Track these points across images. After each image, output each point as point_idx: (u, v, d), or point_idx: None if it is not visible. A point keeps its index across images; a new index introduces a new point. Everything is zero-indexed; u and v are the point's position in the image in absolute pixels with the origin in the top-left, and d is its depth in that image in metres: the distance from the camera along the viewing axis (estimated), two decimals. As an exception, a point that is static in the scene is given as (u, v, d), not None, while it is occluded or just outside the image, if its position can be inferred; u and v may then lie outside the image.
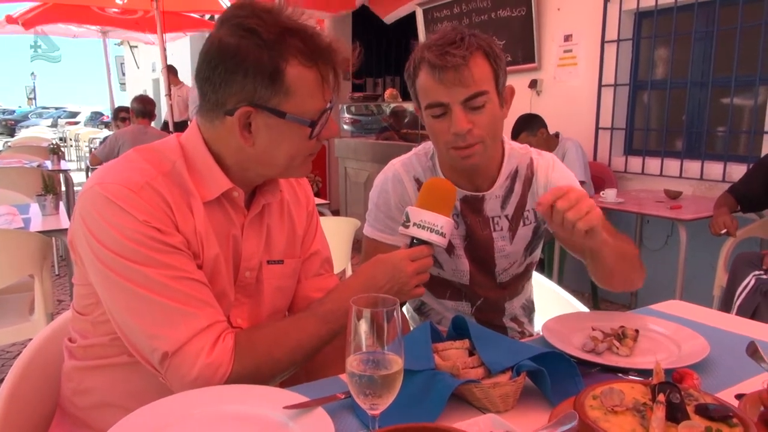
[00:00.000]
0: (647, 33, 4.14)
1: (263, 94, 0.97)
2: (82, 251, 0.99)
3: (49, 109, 31.54)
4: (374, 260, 1.10)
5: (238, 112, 0.98)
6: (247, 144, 1.01)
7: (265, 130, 1.00)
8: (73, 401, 1.10)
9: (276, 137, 1.01)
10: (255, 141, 1.01)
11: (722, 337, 1.21)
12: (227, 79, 0.97)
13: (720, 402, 0.78)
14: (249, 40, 0.95)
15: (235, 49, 0.95)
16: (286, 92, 0.97)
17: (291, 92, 0.97)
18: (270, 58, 0.95)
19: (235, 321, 1.10)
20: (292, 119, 0.99)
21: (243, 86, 0.97)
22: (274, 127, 1.00)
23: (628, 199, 3.62)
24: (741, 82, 3.62)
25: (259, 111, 0.98)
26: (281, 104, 0.98)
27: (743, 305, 2.74)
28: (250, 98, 0.97)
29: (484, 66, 1.28)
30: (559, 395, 0.92)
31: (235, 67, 0.96)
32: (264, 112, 0.98)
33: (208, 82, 0.99)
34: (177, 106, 8.17)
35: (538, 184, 1.46)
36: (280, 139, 1.01)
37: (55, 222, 2.93)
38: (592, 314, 1.36)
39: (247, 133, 1.00)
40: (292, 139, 1.02)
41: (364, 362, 0.76)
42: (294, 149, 1.03)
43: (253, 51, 0.94)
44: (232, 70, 0.96)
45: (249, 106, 0.97)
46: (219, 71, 0.97)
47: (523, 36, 4.79)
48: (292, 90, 0.97)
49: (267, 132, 1.00)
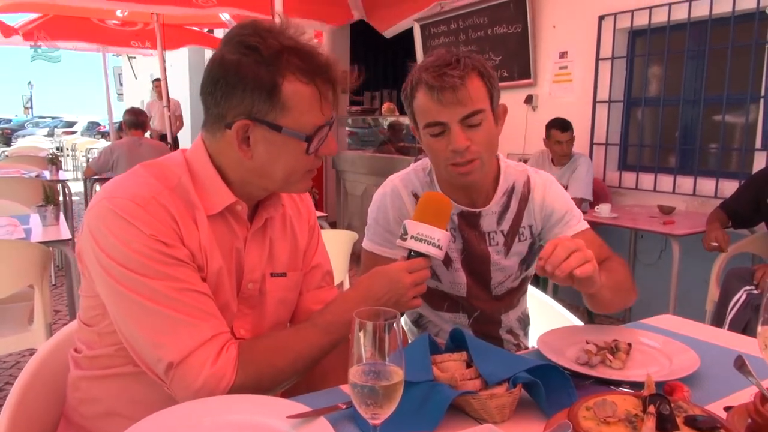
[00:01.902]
0: (641, 51, 4.21)
1: (261, 108, 1.01)
2: (89, 264, 1.02)
3: (46, 119, 31.55)
4: (372, 272, 1.13)
5: (236, 124, 1.01)
6: (245, 157, 1.04)
7: (263, 143, 1.03)
8: (79, 411, 1.12)
9: (273, 151, 1.04)
10: (253, 154, 1.04)
11: (712, 351, 1.24)
12: (227, 93, 1.01)
13: (708, 414, 0.81)
14: (249, 57, 0.99)
15: (236, 65, 1.00)
16: (282, 107, 1.01)
17: (288, 107, 1.01)
18: (268, 73, 0.99)
19: (238, 332, 1.12)
20: (288, 133, 1.02)
21: (242, 100, 1.01)
22: (271, 141, 1.03)
23: (623, 214, 3.67)
24: (732, 100, 3.68)
25: (256, 124, 1.02)
26: (278, 118, 1.01)
27: (735, 320, 2.77)
28: (248, 112, 1.01)
29: (479, 85, 1.32)
30: (553, 406, 0.95)
31: (235, 81, 1.00)
32: (262, 125, 1.02)
33: (211, 97, 1.04)
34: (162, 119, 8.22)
35: (534, 202, 1.50)
36: (278, 153, 1.04)
37: (56, 232, 2.94)
38: (586, 328, 1.39)
39: (245, 147, 1.04)
40: (288, 154, 1.05)
41: (365, 373, 0.78)
42: (291, 163, 1.06)
43: (252, 67, 0.99)
44: (232, 85, 1.00)
45: (247, 119, 1.01)
46: (220, 86, 1.02)
47: (519, 52, 4.85)
48: (289, 105, 1.01)
49: (265, 146, 1.04)
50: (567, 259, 1.09)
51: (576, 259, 1.10)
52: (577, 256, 1.10)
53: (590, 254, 1.12)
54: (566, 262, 1.09)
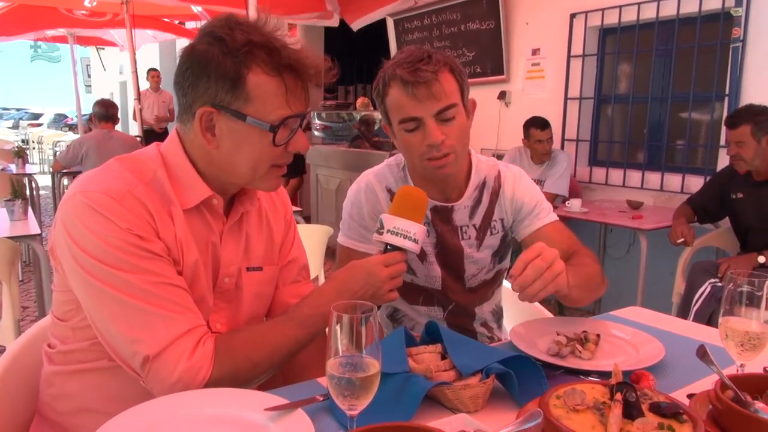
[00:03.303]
0: (611, 49, 4.29)
1: (224, 98, 1.01)
2: (63, 258, 1.01)
3: (10, 111, 30.69)
4: (349, 266, 1.14)
5: (199, 111, 1.02)
6: (211, 146, 1.05)
7: (228, 133, 1.04)
8: (53, 406, 1.11)
9: (238, 141, 1.04)
10: (219, 144, 1.05)
11: (677, 342, 1.28)
12: (194, 83, 1.02)
13: (672, 401, 0.84)
14: (216, 47, 1.00)
15: (202, 55, 1.01)
16: (246, 97, 1.01)
17: (252, 97, 1.01)
18: (234, 64, 1.00)
19: (214, 326, 1.12)
20: (252, 122, 1.02)
21: (207, 89, 1.02)
22: (235, 131, 1.04)
23: (593, 209, 3.74)
24: (698, 98, 3.78)
25: (220, 113, 1.02)
26: (242, 108, 1.02)
27: (700, 311, 2.86)
28: (212, 100, 1.02)
29: (451, 80, 1.35)
30: (525, 396, 0.98)
31: (200, 71, 1.01)
32: (226, 114, 1.02)
33: (180, 87, 1.05)
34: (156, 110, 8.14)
35: (505, 196, 1.53)
36: (242, 142, 1.04)
37: (24, 227, 2.89)
38: (557, 320, 1.42)
39: (210, 135, 1.04)
40: (253, 144, 1.05)
41: (342, 365, 0.80)
42: (256, 155, 1.06)
43: (217, 56, 1.00)
44: (197, 74, 1.02)
45: (211, 106, 1.02)
46: (187, 75, 1.03)
47: (492, 49, 4.89)
48: (253, 96, 1.01)
49: (229, 135, 1.04)
50: (534, 282, 1.10)
51: (542, 282, 1.11)
52: (545, 278, 1.11)
53: (560, 267, 1.13)
54: (532, 288, 1.11)
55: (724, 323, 0.99)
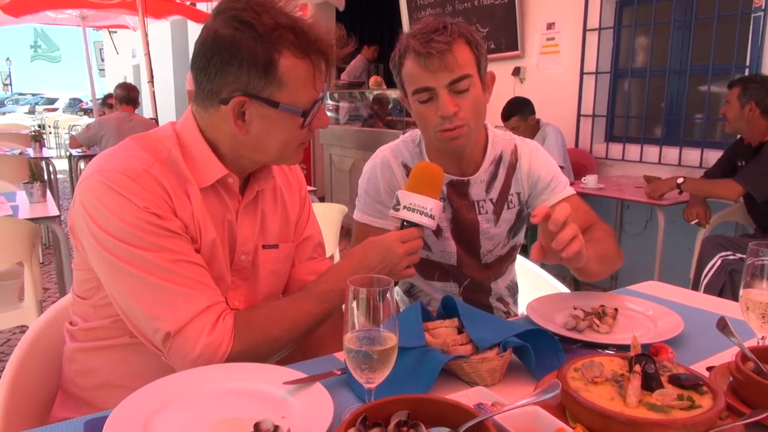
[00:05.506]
0: (628, 22, 4.20)
1: (257, 85, 1.00)
2: (83, 237, 1.02)
3: (26, 96, 30.90)
4: (366, 242, 1.15)
5: (233, 101, 1.01)
6: (240, 132, 1.04)
7: (259, 119, 1.03)
8: (76, 382, 1.13)
9: (269, 126, 1.04)
10: (248, 129, 1.04)
11: (696, 315, 1.27)
12: (222, 70, 1.00)
13: (692, 372, 0.84)
14: (244, 33, 0.98)
15: (230, 41, 0.98)
16: (279, 83, 1.00)
17: (284, 83, 1.00)
18: (264, 49, 0.98)
19: (232, 303, 1.13)
20: (285, 109, 1.02)
21: (237, 77, 1.00)
22: (267, 117, 1.03)
23: (609, 185, 3.70)
24: (718, 70, 3.70)
25: (252, 101, 1.01)
26: (274, 94, 1.01)
27: (710, 284, 2.85)
28: (244, 88, 1.01)
29: (466, 51, 1.33)
30: (542, 369, 0.98)
31: (230, 58, 0.99)
32: (258, 101, 1.01)
33: (204, 72, 1.02)
34: None
35: (522, 170, 1.52)
36: (273, 128, 1.05)
37: (43, 209, 2.93)
38: (573, 295, 1.41)
39: (241, 122, 1.04)
40: (284, 128, 1.05)
41: (360, 339, 0.80)
42: (286, 138, 1.07)
43: (247, 43, 0.98)
44: (227, 61, 0.99)
45: (243, 95, 1.01)
46: (214, 62, 1.00)
47: (507, 24, 4.82)
48: (285, 81, 1.00)
49: (260, 121, 1.04)
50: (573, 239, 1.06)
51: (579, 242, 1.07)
52: (579, 238, 1.08)
53: (576, 229, 1.10)
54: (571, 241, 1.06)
55: (745, 295, 0.98)
